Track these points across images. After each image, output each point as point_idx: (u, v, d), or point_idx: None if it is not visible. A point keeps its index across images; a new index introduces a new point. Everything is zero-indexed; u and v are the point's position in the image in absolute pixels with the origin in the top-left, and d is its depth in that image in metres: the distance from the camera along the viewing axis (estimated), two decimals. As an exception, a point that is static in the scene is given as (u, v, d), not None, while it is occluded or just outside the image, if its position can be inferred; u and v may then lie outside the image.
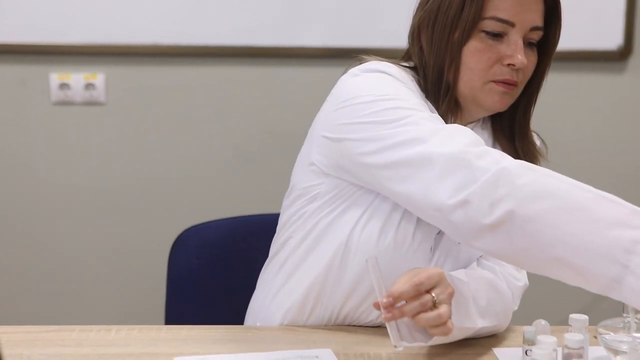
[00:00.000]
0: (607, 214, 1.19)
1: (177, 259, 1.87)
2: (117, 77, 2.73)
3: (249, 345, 1.45)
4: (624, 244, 1.16)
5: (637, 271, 1.15)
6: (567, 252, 1.20)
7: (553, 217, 1.21)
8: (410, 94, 1.46)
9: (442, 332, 1.28)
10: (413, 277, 1.27)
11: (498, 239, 1.26)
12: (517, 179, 1.25)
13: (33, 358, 1.37)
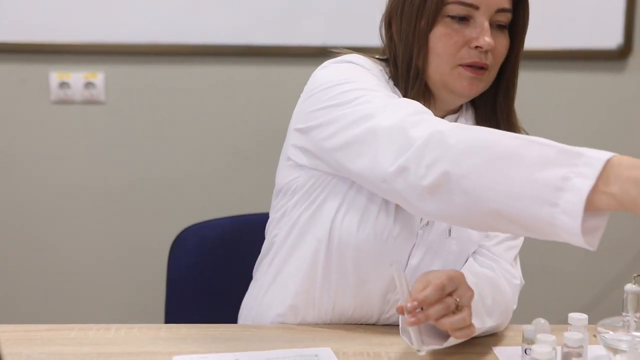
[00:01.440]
0: (536, 158, 1.14)
1: (177, 257, 1.88)
2: (117, 76, 2.73)
3: (249, 344, 1.45)
4: (554, 183, 1.10)
5: (567, 208, 1.09)
6: (502, 203, 1.16)
7: (484, 169, 1.18)
8: (373, 78, 1.47)
9: (465, 334, 1.28)
10: (435, 280, 1.27)
11: (440, 201, 1.24)
12: (449, 139, 1.22)
13: (33, 357, 1.37)
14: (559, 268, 2.85)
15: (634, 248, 2.83)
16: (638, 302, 1.38)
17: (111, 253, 2.81)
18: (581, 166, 1.10)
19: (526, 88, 2.75)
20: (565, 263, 2.85)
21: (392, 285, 1.52)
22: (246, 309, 1.67)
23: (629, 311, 1.38)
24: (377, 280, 1.52)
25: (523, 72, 2.74)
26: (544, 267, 2.84)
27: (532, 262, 2.83)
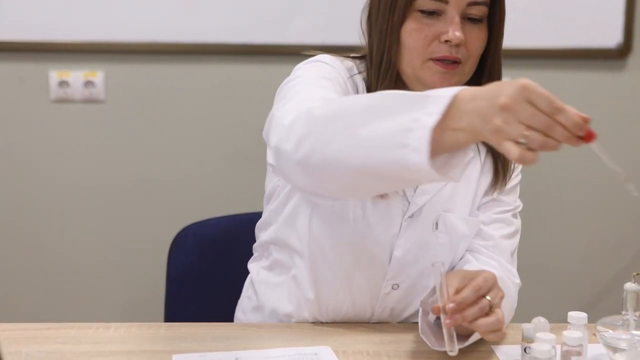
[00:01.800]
0: (389, 107, 1.14)
1: (176, 256, 1.88)
2: (116, 75, 2.73)
3: (248, 342, 1.45)
4: (405, 126, 1.11)
5: (416, 145, 1.09)
6: (361, 157, 1.15)
7: (343, 131, 1.18)
8: (332, 73, 1.48)
9: (498, 337, 1.29)
10: (472, 282, 1.27)
11: (312, 173, 1.24)
12: (315, 112, 1.23)
13: (32, 355, 1.38)
14: (558, 267, 2.85)
15: (634, 247, 2.84)
16: (638, 301, 1.37)
17: (111, 252, 2.80)
18: (429, 106, 1.11)
19: (526, 87, 2.76)
20: (564, 262, 2.85)
21: (380, 279, 1.54)
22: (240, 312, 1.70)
23: (629, 310, 1.38)
24: (364, 275, 1.54)
25: (523, 71, 2.75)
26: (544, 265, 2.84)
27: (532, 261, 2.83)
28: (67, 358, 1.37)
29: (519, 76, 2.91)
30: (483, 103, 1.09)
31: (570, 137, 1.09)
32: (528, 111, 1.07)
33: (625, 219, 2.84)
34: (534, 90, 1.08)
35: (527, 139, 1.07)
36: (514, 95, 1.07)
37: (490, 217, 1.58)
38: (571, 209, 2.83)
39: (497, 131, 1.07)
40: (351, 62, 1.56)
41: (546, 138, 1.08)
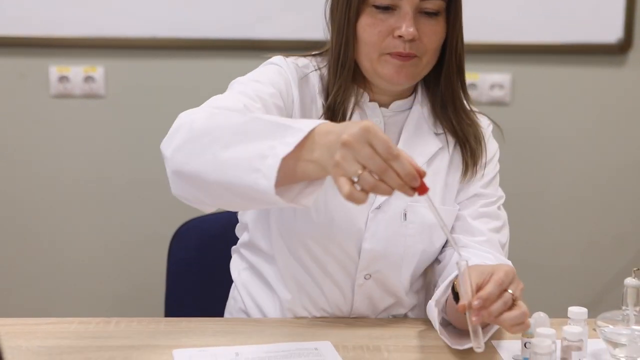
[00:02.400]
0: (255, 132, 1.20)
1: (177, 251, 1.88)
2: (116, 70, 2.73)
3: (248, 337, 1.45)
4: (261, 152, 1.16)
5: (266, 172, 1.15)
6: (221, 174, 1.21)
7: (211, 147, 1.23)
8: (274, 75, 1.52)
9: (522, 329, 1.28)
10: (493, 276, 1.27)
11: (185, 182, 1.29)
12: (195, 124, 1.28)
13: (32, 350, 1.38)
14: (559, 262, 2.85)
15: (634, 242, 2.84)
16: (638, 296, 1.37)
17: (111, 247, 2.81)
18: (287, 137, 1.16)
19: (526, 82, 2.76)
20: (565, 257, 2.85)
21: (353, 271, 1.56)
22: (228, 314, 1.72)
23: (629, 305, 1.38)
24: (336, 268, 1.56)
25: (524, 66, 2.75)
26: (544, 261, 2.84)
27: (533, 256, 2.84)
28: (67, 353, 1.37)
29: (521, 72, 2.92)
30: (332, 138, 1.13)
31: (403, 185, 1.12)
32: (366, 151, 1.10)
33: (625, 215, 2.84)
34: (375, 133, 1.11)
35: (360, 178, 1.10)
36: (355, 134, 1.11)
37: (477, 211, 1.59)
38: (572, 205, 2.83)
39: (336, 166, 1.12)
40: (307, 59, 1.59)
41: (378, 182, 1.11)
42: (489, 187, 1.62)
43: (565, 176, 2.82)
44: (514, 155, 2.76)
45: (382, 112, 1.58)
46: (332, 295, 1.58)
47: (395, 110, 1.59)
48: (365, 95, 1.57)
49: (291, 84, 1.54)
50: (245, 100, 1.41)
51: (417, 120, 1.59)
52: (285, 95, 1.52)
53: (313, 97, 1.56)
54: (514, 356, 1.38)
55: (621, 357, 1.37)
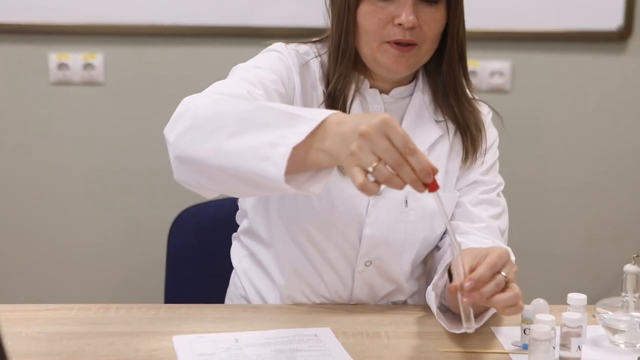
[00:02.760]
0: (263, 121, 1.20)
1: (176, 238, 1.88)
2: (116, 57, 2.72)
3: (248, 323, 1.45)
4: (271, 141, 1.17)
5: (276, 159, 1.15)
6: (229, 162, 1.21)
7: (217, 134, 1.23)
8: (276, 62, 1.52)
9: (515, 311, 1.28)
10: (486, 258, 1.27)
11: (188, 168, 1.29)
12: (200, 110, 1.28)
13: (32, 336, 1.38)
14: (558, 249, 2.85)
15: (633, 229, 2.84)
16: (637, 283, 1.38)
17: (111, 234, 2.81)
18: (299, 126, 1.16)
19: (526, 70, 2.76)
20: (564, 244, 2.85)
21: (353, 258, 1.56)
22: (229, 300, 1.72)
23: (628, 291, 1.38)
24: (337, 254, 1.56)
25: (524, 53, 2.74)
26: (544, 247, 2.84)
27: (532, 243, 2.84)
28: (67, 339, 1.37)
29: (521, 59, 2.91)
30: (347, 128, 1.13)
31: (417, 181, 1.12)
32: (383, 144, 1.10)
33: (625, 202, 2.84)
34: (393, 127, 1.11)
35: (375, 170, 1.10)
36: (374, 125, 1.11)
37: (476, 198, 1.60)
38: (571, 192, 2.83)
39: (351, 155, 1.11)
40: (308, 46, 1.59)
41: (393, 175, 1.11)
42: (489, 174, 1.62)
43: (564, 163, 2.82)
44: (513, 143, 2.76)
45: (383, 98, 1.58)
46: (332, 282, 1.58)
47: (396, 97, 1.59)
48: (366, 82, 1.57)
49: (292, 71, 1.54)
50: (247, 87, 1.41)
51: (418, 107, 1.59)
52: (287, 81, 1.52)
53: (314, 84, 1.56)
54: (513, 342, 1.38)
55: (620, 343, 1.37)
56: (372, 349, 1.36)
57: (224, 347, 1.34)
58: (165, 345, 1.35)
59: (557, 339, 1.31)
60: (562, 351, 1.31)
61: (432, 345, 1.38)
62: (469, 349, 1.36)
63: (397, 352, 1.35)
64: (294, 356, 1.31)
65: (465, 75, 1.59)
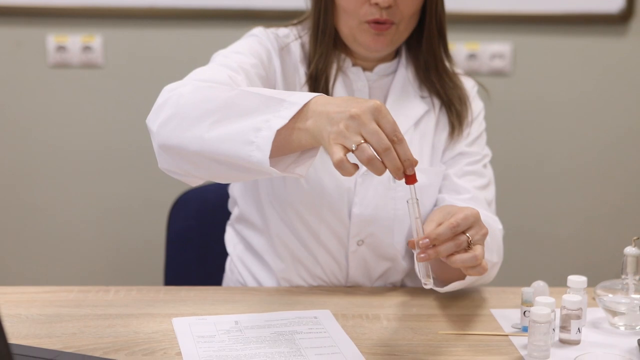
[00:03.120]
0: (246, 106, 1.21)
1: (176, 220, 1.88)
2: (114, 39, 2.71)
3: (248, 306, 1.45)
4: (255, 125, 1.18)
5: (260, 144, 1.16)
6: (214, 148, 1.22)
7: (201, 121, 1.24)
8: (255, 46, 1.54)
9: (478, 272, 1.27)
10: (450, 219, 1.26)
11: (172, 156, 1.30)
12: (182, 98, 1.28)
13: (31, 318, 1.38)
14: (558, 231, 2.85)
15: (634, 211, 2.84)
16: (637, 265, 1.38)
17: (110, 216, 2.81)
18: (282, 110, 1.18)
19: (527, 52, 2.75)
20: (565, 226, 2.85)
21: (345, 237, 1.57)
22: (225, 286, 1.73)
23: (628, 274, 1.38)
24: (329, 235, 1.57)
25: (525, 36, 2.74)
26: (544, 230, 2.84)
27: (532, 225, 2.84)
28: (66, 321, 1.37)
29: (522, 42, 2.89)
30: (335, 109, 1.14)
31: (399, 169, 1.13)
32: (372, 127, 1.12)
33: (625, 184, 2.84)
34: (385, 114, 1.13)
35: (358, 148, 1.11)
36: (366, 109, 1.12)
37: (462, 170, 1.60)
38: (572, 175, 2.83)
39: (337, 133, 1.13)
40: (288, 29, 1.60)
41: (375, 157, 1.12)
42: (474, 146, 1.63)
43: (565, 146, 2.81)
44: (514, 125, 2.76)
45: (367, 76, 1.59)
46: (327, 264, 1.58)
47: (380, 74, 1.60)
48: (348, 61, 1.58)
49: (272, 54, 1.55)
50: (228, 72, 1.41)
51: (402, 84, 1.60)
52: (267, 64, 1.54)
53: (295, 66, 1.57)
54: (513, 325, 1.38)
55: (620, 325, 1.37)
56: (372, 331, 1.36)
57: (223, 329, 1.34)
58: (165, 328, 1.35)
59: (557, 322, 1.32)
60: (562, 333, 1.31)
61: (432, 327, 1.38)
62: (468, 332, 1.36)
63: (396, 334, 1.35)
64: (293, 338, 1.31)
65: (445, 51, 1.60)
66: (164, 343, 1.30)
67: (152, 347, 1.28)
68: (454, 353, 1.29)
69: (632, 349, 1.30)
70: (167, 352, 1.27)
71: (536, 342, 1.25)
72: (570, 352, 1.28)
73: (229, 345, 1.28)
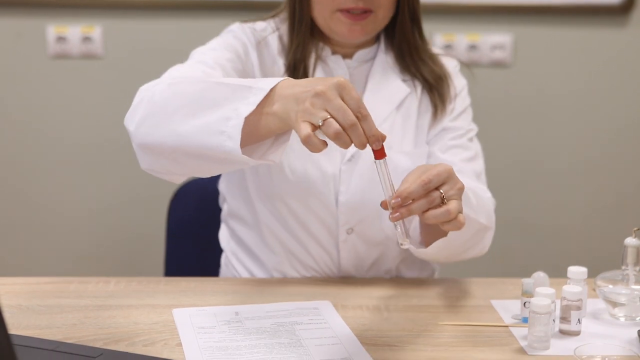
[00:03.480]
0: (215, 97, 1.22)
1: (176, 211, 1.88)
2: (114, 30, 2.71)
3: (248, 297, 1.45)
4: (225, 115, 1.20)
5: (231, 132, 1.18)
6: (188, 142, 1.23)
7: (173, 116, 1.25)
8: (231, 41, 1.55)
9: (454, 226, 1.26)
10: (421, 175, 1.25)
11: (151, 155, 1.32)
12: (155, 97, 1.29)
13: (32, 309, 1.38)
14: (559, 222, 2.85)
15: (634, 202, 2.84)
16: (637, 256, 1.38)
17: (111, 207, 2.81)
18: (250, 97, 1.19)
19: (527, 43, 2.74)
20: (565, 217, 2.85)
21: (334, 227, 1.57)
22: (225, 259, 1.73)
23: (629, 265, 1.38)
24: (318, 225, 1.57)
25: (526, 27, 2.73)
26: (544, 221, 2.84)
27: (533, 216, 2.84)
28: (67, 312, 1.37)
29: (522, 33, 2.89)
30: (300, 89, 1.15)
31: (364, 144, 1.14)
32: (337, 102, 1.12)
33: (625, 175, 2.84)
34: (349, 90, 1.13)
35: (324, 123, 1.12)
36: (330, 86, 1.13)
37: (446, 144, 1.60)
38: (572, 166, 2.83)
39: (303, 111, 1.13)
40: (265, 23, 1.61)
41: (342, 131, 1.12)
42: (458, 120, 1.62)
43: (566, 137, 2.81)
44: (515, 116, 2.75)
45: (347, 63, 1.59)
46: (318, 254, 1.59)
47: (359, 61, 1.60)
48: (327, 49, 1.58)
49: (248, 48, 1.56)
50: (203, 68, 1.43)
51: (382, 68, 1.60)
52: (245, 59, 1.54)
53: (273, 59, 1.57)
54: (514, 315, 1.38)
55: (620, 316, 1.38)
56: (372, 322, 1.36)
57: (224, 320, 1.34)
58: (165, 319, 1.35)
59: (557, 312, 1.32)
60: (562, 324, 1.31)
61: (432, 318, 1.38)
62: (468, 322, 1.36)
63: (396, 325, 1.35)
64: (294, 329, 1.31)
65: (421, 37, 1.60)
66: (164, 334, 1.30)
67: (152, 337, 1.28)
68: (454, 344, 1.29)
69: (632, 339, 1.30)
70: (168, 342, 1.27)
71: (536, 333, 1.25)
72: (570, 343, 1.28)
73: (229, 336, 1.28)
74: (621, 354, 1.24)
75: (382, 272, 1.62)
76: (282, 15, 1.60)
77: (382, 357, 1.23)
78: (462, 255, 1.49)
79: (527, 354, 1.25)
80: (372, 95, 1.57)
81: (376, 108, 1.55)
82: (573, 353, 1.23)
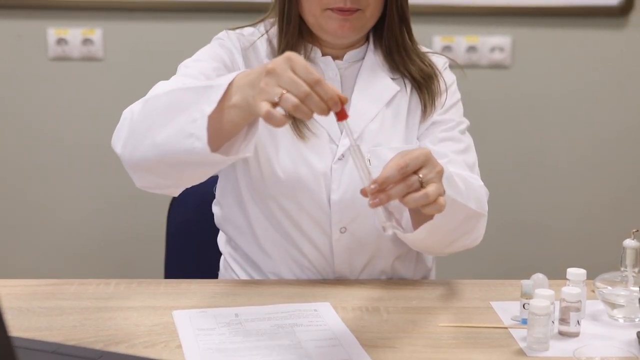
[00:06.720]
0: (183, 102, 1.26)
1: (176, 213, 1.88)
2: (115, 32, 2.71)
3: (248, 299, 1.46)
4: (192, 117, 1.23)
5: (198, 133, 1.21)
6: (167, 152, 1.27)
7: (152, 130, 1.29)
8: (218, 51, 1.57)
9: (435, 210, 1.26)
10: (399, 160, 1.25)
11: (141, 172, 1.36)
12: (135, 115, 1.33)
13: (32, 311, 1.38)
14: (558, 223, 2.85)
15: (633, 203, 2.84)
16: (636, 257, 1.38)
17: (111, 209, 2.81)
18: (211, 95, 1.22)
19: (527, 45, 2.75)
20: (564, 219, 2.85)
21: (327, 226, 1.57)
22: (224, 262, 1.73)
23: (627, 266, 1.38)
24: (311, 225, 1.57)
25: (525, 28, 2.73)
26: (543, 222, 2.84)
27: (532, 218, 2.84)
28: (67, 314, 1.37)
29: (522, 35, 2.90)
30: (254, 75, 1.19)
31: (325, 110, 1.15)
32: (288, 75, 1.14)
33: (624, 177, 2.84)
34: (296, 61, 1.15)
35: (281, 99, 1.13)
36: (278, 62, 1.15)
37: (436, 137, 1.60)
38: (571, 167, 2.83)
39: (260, 92, 1.16)
40: (254, 28, 1.62)
41: (300, 103, 1.13)
42: (448, 113, 1.62)
43: (565, 139, 2.81)
44: (514, 118, 2.76)
45: (337, 65, 1.59)
46: (312, 255, 1.58)
47: (350, 61, 1.61)
48: (317, 51, 1.59)
49: (234, 55, 1.57)
50: (187, 81, 1.44)
51: (371, 67, 1.60)
52: (231, 66, 1.55)
53: (261, 62, 1.57)
54: (513, 317, 1.38)
55: (619, 317, 1.38)
56: (372, 324, 1.37)
57: (224, 322, 1.34)
58: (166, 320, 1.35)
59: (556, 314, 1.32)
60: (561, 326, 1.31)
61: (432, 320, 1.38)
62: (468, 324, 1.36)
63: (396, 327, 1.35)
64: (293, 331, 1.31)
65: (409, 36, 1.60)
66: (164, 336, 1.30)
67: (152, 339, 1.29)
68: (454, 345, 1.29)
69: (631, 341, 1.30)
70: (168, 344, 1.27)
71: (535, 334, 1.26)
72: (569, 344, 1.28)
73: (229, 337, 1.29)
74: (620, 355, 1.24)
75: (377, 271, 1.62)
76: (272, 19, 1.61)
77: (382, 359, 1.24)
78: (455, 243, 1.50)
79: (526, 356, 1.26)
80: (360, 93, 1.57)
81: (365, 106, 1.56)
82: (572, 354, 1.23)
